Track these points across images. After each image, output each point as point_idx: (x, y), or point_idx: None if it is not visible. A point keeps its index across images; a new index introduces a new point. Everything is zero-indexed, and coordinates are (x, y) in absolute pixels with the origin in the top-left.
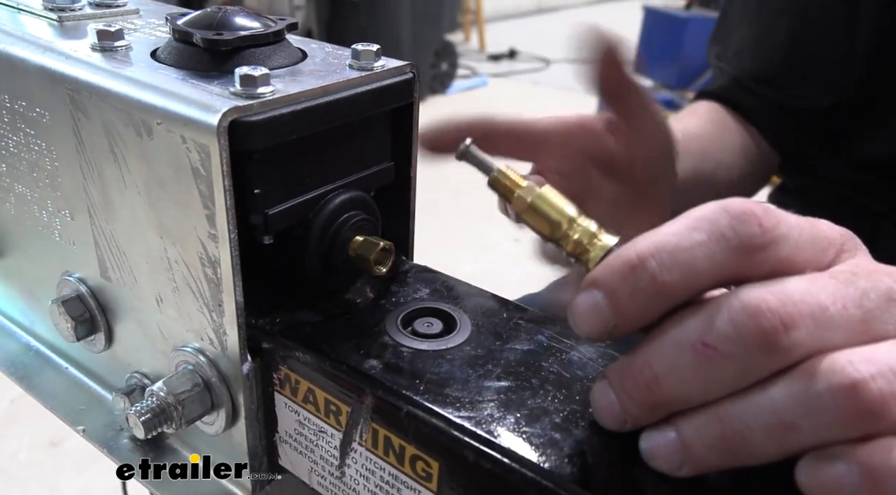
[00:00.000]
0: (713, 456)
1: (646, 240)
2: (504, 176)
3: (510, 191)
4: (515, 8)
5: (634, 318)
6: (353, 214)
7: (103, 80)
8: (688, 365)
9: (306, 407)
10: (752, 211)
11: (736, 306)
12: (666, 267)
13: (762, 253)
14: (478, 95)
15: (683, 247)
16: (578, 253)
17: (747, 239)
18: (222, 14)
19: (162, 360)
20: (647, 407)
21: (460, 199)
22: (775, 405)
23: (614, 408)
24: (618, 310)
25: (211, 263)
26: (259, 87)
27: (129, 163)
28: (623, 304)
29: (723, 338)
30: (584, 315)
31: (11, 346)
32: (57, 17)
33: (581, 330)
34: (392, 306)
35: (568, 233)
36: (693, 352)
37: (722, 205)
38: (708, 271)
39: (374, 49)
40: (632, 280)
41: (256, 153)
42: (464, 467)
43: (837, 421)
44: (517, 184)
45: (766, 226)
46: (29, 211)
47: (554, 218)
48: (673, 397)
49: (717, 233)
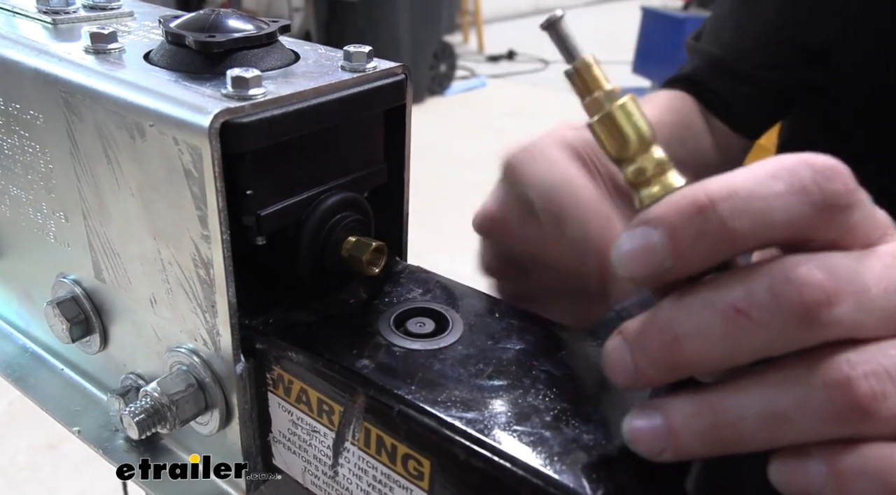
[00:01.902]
0: (699, 444)
1: (718, 182)
2: (587, 70)
3: (589, 90)
4: (514, 9)
5: (692, 265)
6: (345, 215)
7: (96, 83)
8: (715, 329)
9: (299, 407)
10: (836, 167)
11: (779, 275)
12: (738, 212)
13: (841, 214)
14: (476, 96)
15: (760, 194)
16: (638, 182)
17: (831, 196)
18: (215, 16)
19: (156, 361)
20: (662, 368)
21: (460, 201)
22: (772, 397)
23: (627, 366)
24: (677, 252)
25: (204, 264)
26: (251, 88)
27: (123, 164)
28: (684, 247)
29: (759, 306)
30: (635, 253)
31: (7, 348)
32: (51, 20)
33: (627, 269)
34: (385, 306)
35: (636, 156)
36: (723, 316)
37: (804, 158)
38: (782, 224)
39: (366, 51)
40: (699, 222)
41: (248, 154)
42: (455, 465)
43: (827, 416)
44: (599, 84)
45: (851, 187)
46: (24, 213)
47: (628, 134)
48: (693, 361)
49: (799, 185)
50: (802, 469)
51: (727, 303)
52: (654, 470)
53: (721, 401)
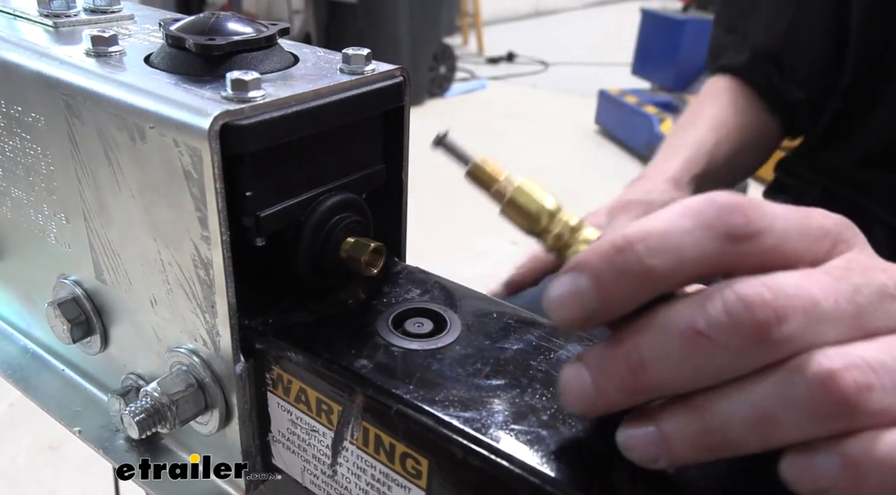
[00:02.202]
0: (692, 450)
1: (634, 226)
2: (482, 168)
3: (488, 184)
4: (513, 11)
5: (618, 304)
6: (344, 216)
7: (97, 85)
8: (678, 352)
9: (298, 407)
10: (737, 202)
11: (731, 297)
12: (654, 251)
13: (748, 243)
14: (476, 98)
15: (672, 233)
16: (559, 247)
17: (732, 228)
18: (214, 19)
19: (156, 361)
20: (626, 393)
21: (460, 203)
22: (756, 400)
23: (588, 392)
24: (602, 295)
25: (203, 265)
26: (250, 91)
27: (123, 166)
28: (609, 288)
29: (717, 327)
30: (565, 298)
31: (9, 349)
32: (52, 23)
33: (558, 314)
34: (383, 307)
35: (548, 227)
36: (684, 339)
37: (709, 196)
38: (695, 258)
39: (365, 53)
40: (620, 263)
41: (248, 156)
42: (452, 464)
43: (814, 413)
44: (495, 177)
45: (751, 217)
46: (25, 214)
47: (533, 211)
48: (658, 383)
49: (704, 221)
50: (814, 463)
51: (687, 325)
52: (649, 469)
53: (709, 407)
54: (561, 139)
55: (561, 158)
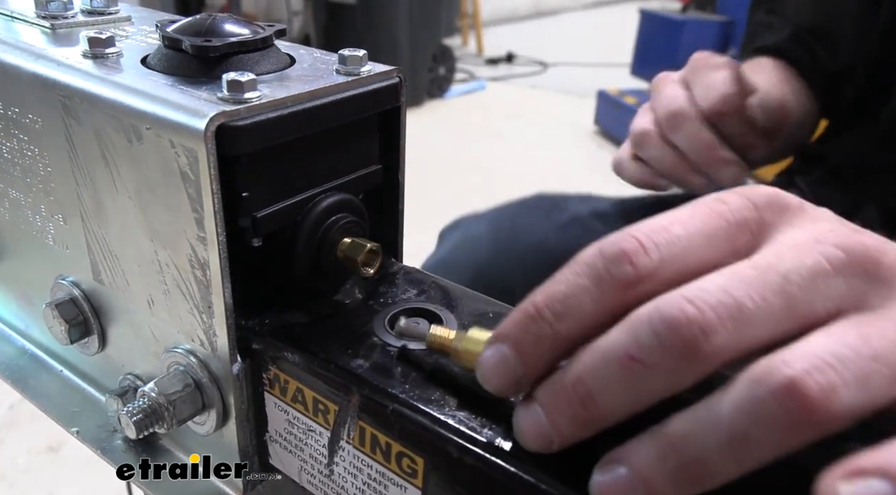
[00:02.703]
0: (675, 487)
1: (540, 293)
2: (436, 339)
3: (446, 347)
4: (513, 12)
5: (539, 366)
6: (341, 217)
7: (94, 87)
8: (617, 379)
9: (295, 407)
10: (622, 250)
11: (656, 318)
12: (559, 315)
13: (641, 286)
14: (476, 99)
15: (571, 294)
16: None
17: (622, 278)
18: (211, 21)
19: (154, 362)
20: (579, 425)
21: (460, 204)
22: (723, 419)
23: (543, 429)
24: (524, 360)
25: (200, 265)
26: (246, 92)
27: (120, 167)
28: (528, 353)
29: (647, 351)
30: (493, 368)
31: (7, 350)
32: (49, 25)
33: (491, 384)
34: (380, 307)
35: None
36: (620, 365)
37: (598, 248)
38: (596, 312)
39: (361, 54)
40: (533, 329)
41: (244, 157)
42: (448, 463)
43: (786, 426)
44: (448, 341)
45: (636, 263)
46: (23, 215)
47: None
48: (607, 412)
49: (596, 276)
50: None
51: (622, 352)
52: None
53: (680, 438)
54: (560, 140)
55: (560, 159)
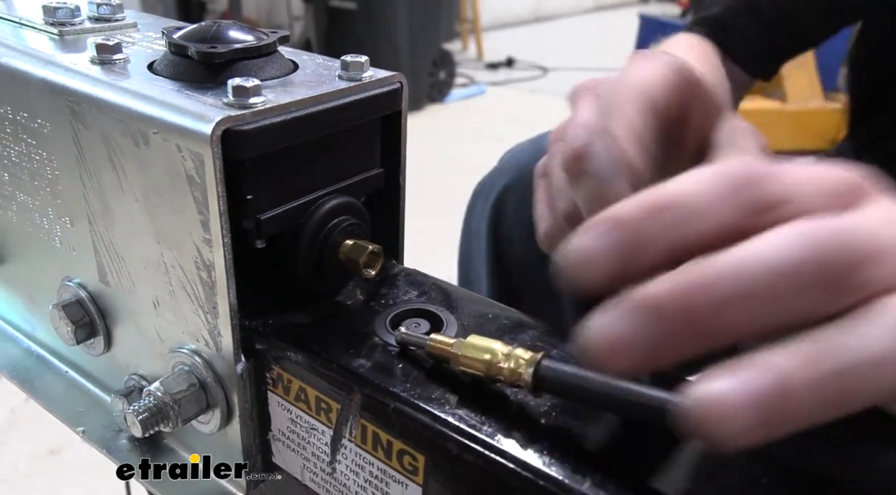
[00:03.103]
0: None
1: (658, 191)
2: (434, 343)
3: (443, 353)
4: (513, 16)
5: (651, 263)
6: (343, 219)
7: (102, 92)
8: (763, 291)
9: (298, 406)
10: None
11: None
12: (683, 219)
13: (773, 212)
14: (476, 104)
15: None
16: (514, 380)
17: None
18: (216, 28)
19: (159, 362)
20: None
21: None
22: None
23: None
24: (638, 251)
25: (206, 267)
26: (251, 97)
27: (127, 171)
28: (646, 247)
29: (809, 265)
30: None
31: (13, 351)
32: (57, 32)
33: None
34: (381, 308)
35: (500, 366)
36: (770, 275)
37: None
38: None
39: (363, 60)
40: (659, 219)
41: (249, 161)
42: (448, 460)
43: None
44: (445, 345)
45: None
46: (30, 218)
47: (486, 357)
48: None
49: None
50: None
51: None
52: (640, 463)
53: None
54: None
55: None
